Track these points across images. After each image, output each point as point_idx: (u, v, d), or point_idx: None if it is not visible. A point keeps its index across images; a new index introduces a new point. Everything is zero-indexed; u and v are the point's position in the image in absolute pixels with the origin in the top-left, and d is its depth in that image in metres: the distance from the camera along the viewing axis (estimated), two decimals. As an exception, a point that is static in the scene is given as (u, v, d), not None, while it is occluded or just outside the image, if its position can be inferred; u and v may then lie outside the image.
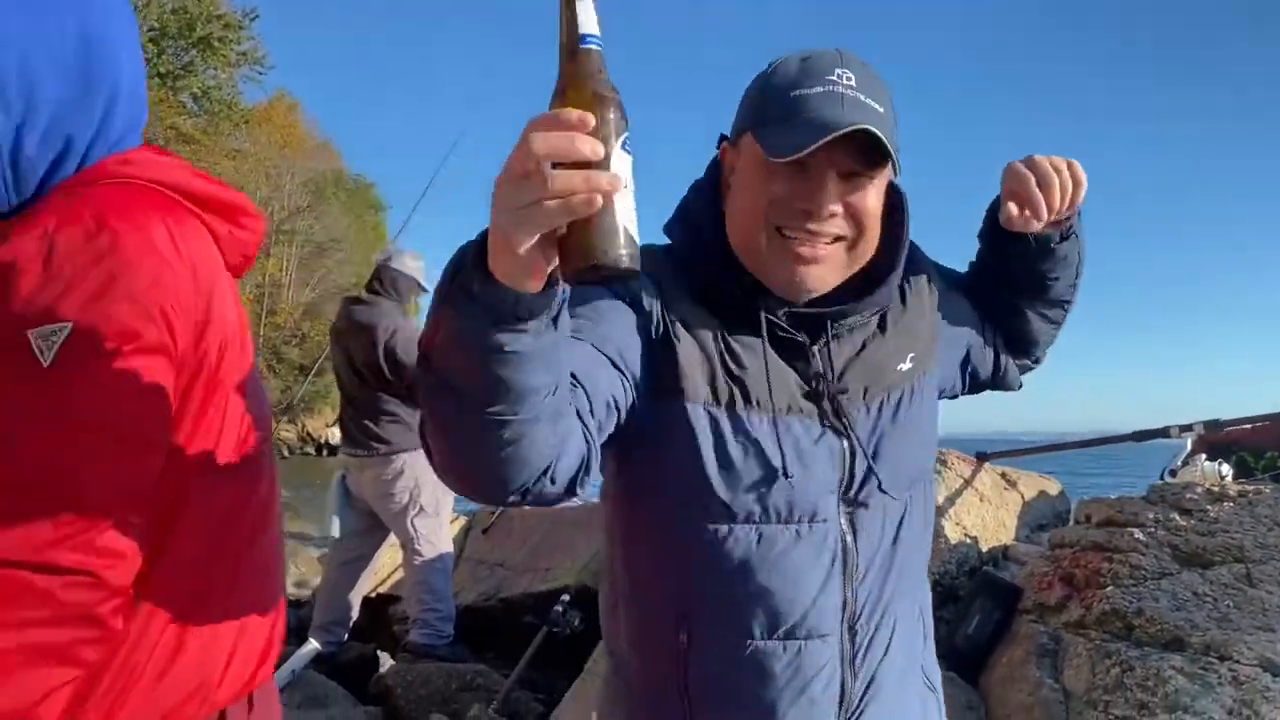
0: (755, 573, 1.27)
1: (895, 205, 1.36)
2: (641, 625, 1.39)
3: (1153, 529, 2.97)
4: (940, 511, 3.59)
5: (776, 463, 1.25)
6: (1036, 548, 3.53)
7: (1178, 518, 2.98)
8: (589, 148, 0.81)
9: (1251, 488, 3.05)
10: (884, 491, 1.32)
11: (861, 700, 1.33)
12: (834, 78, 1.22)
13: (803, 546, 1.28)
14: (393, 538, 4.95)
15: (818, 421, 1.30)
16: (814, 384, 1.31)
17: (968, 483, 3.76)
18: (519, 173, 0.81)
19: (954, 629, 3.21)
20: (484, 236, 0.88)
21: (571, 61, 0.88)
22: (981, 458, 3.96)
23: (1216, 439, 4.55)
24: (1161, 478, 3.35)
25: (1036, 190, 1.30)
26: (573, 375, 1.10)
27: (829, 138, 1.16)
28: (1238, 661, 2.50)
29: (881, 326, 1.38)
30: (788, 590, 1.27)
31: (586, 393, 1.14)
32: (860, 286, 1.33)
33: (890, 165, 1.25)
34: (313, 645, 4.47)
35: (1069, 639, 2.88)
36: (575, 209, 0.81)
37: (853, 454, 1.31)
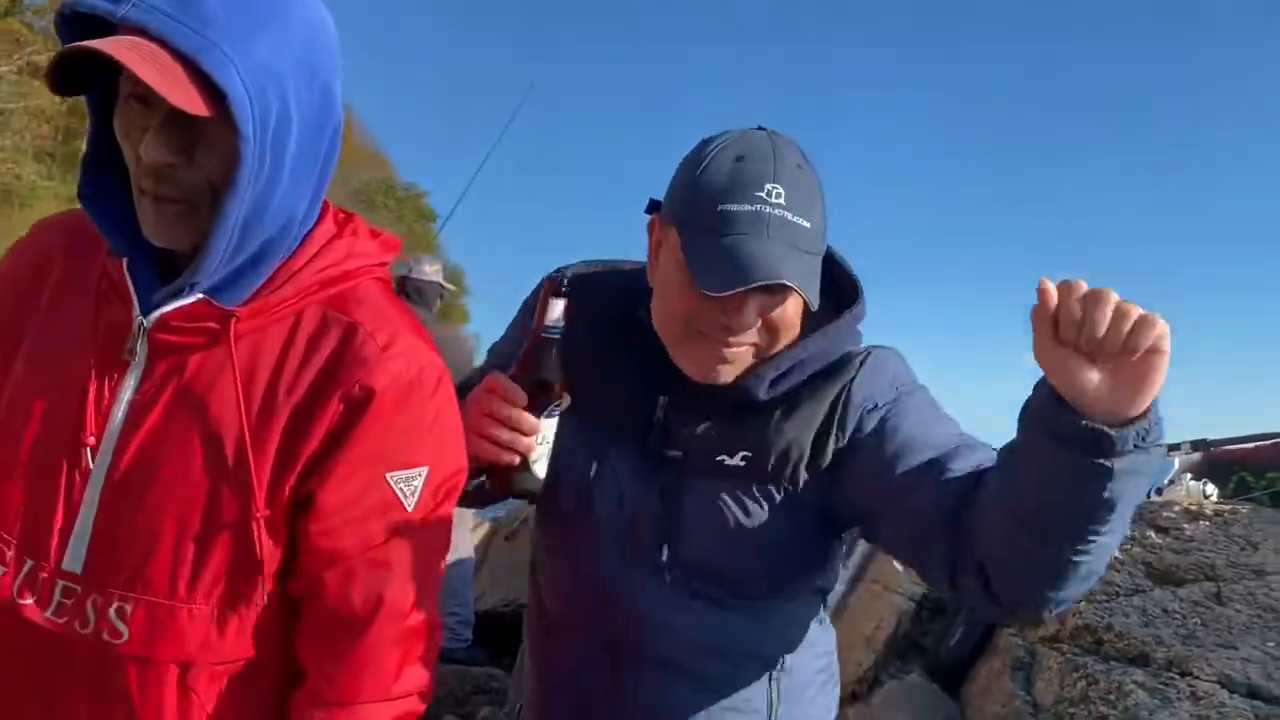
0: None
1: (842, 304, 1.37)
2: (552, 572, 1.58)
3: (1128, 546, 3.04)
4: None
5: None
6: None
7: (1154, 535, 3.05)
8: (522, 425, 1.24)
9: (1228, 508, 3.11)
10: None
11: None
12: (762, 195, 1.20)
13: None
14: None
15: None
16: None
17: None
18: (482, 411, 1.24)
19: (938, 641, 3.30)
20: None
21: (536, 346, 1.25)
22: (977, 473, 4.02)
23: (1219, 458, 4.58)
24: (1149, 496, 3.40)
25: (1079, 304, 0.97)
26: None
27: (749, 287, 1.18)
28: (1197, 678, 2.57)
29: (732, 412, 1.34)
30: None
31: None
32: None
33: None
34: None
35: (1043, 652, 2.96)
36: (500, 458, 1.24)
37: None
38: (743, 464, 1.32)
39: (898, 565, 3.57)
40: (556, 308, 1.23)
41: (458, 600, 4.91)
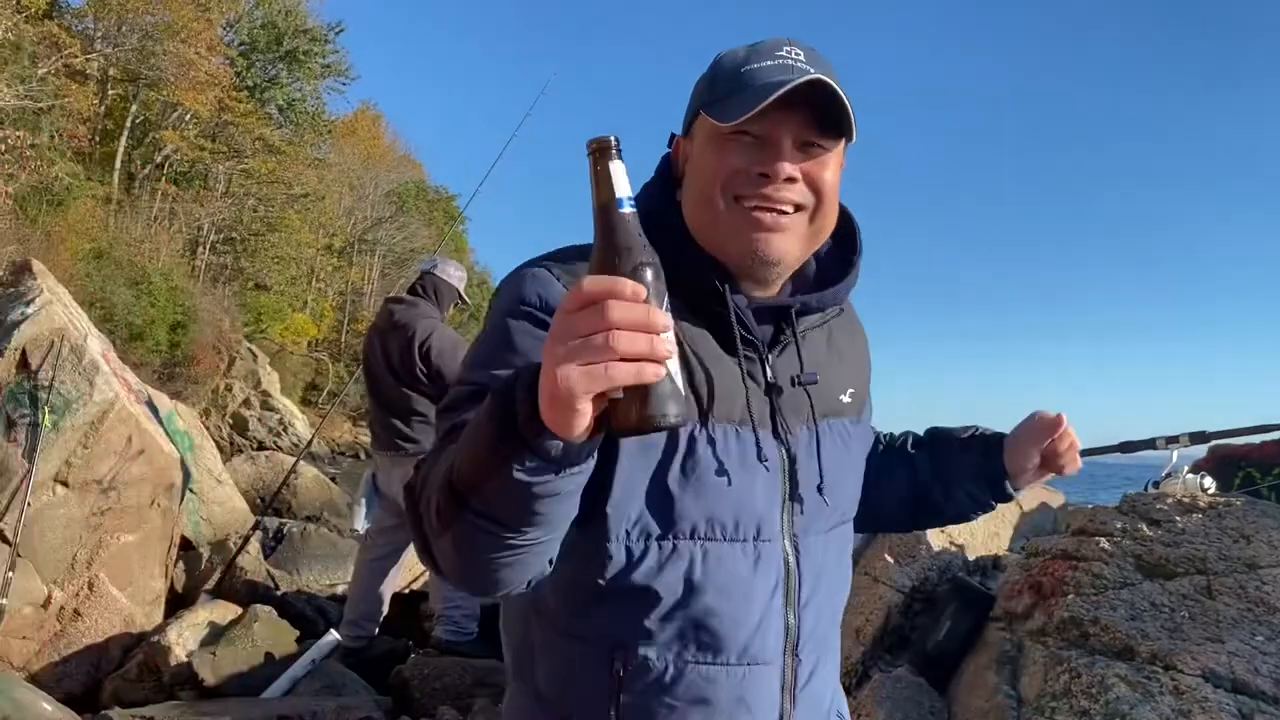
0: (701, 592, 1.19)
1: (849, 230, 1.37)
2: (569, 657, 1.27)
3: (1119, 538, 2.99)
4: (925, 519, 3.63)
5: (720, 475, 1.19)
6: (1020, 556, 3.55)
7: (1145, 528, 2.99)
8: (661, 320, 0.84)
9: (1222, 500, 3.04)
10: (825, 516, 1.29)
11: None
12: (783, 54, 1.21)
13: (748, 564, 1.21)
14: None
15: (767, 435, 1.25)
16: (770, 393, 1.27)
17: (957, 491, 3.79)
18: (587, 332, 0.83)
19: (926, 635, 3.26)
20: (527, 388, 0.89)
21: (613, 226, 0.91)
22: (975, 467, 3.98)
23: (1225, 455, 4.50)
24: (1145, 489, 3.34)
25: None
26: None
27: (783, 90, 1.14)
28: (1181, 671, 2.52)
29: (831, 355, 1.36)
30: (734, 611, 1.20)
31: None
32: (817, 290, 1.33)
33: (845, 141, 1.25)
34: (333, 636, 4.67)
35: (1030, 646, 2.91)
36: (644, 375, 0.84)
37: (795, 471, 1.26)
38: (850, 400, 1.38)
39: (889, 558, 3.54)
40: (620, 171, 0.93)
41: (463, 594, 4.94)
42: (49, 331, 4.80)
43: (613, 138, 0.94)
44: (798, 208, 1.23)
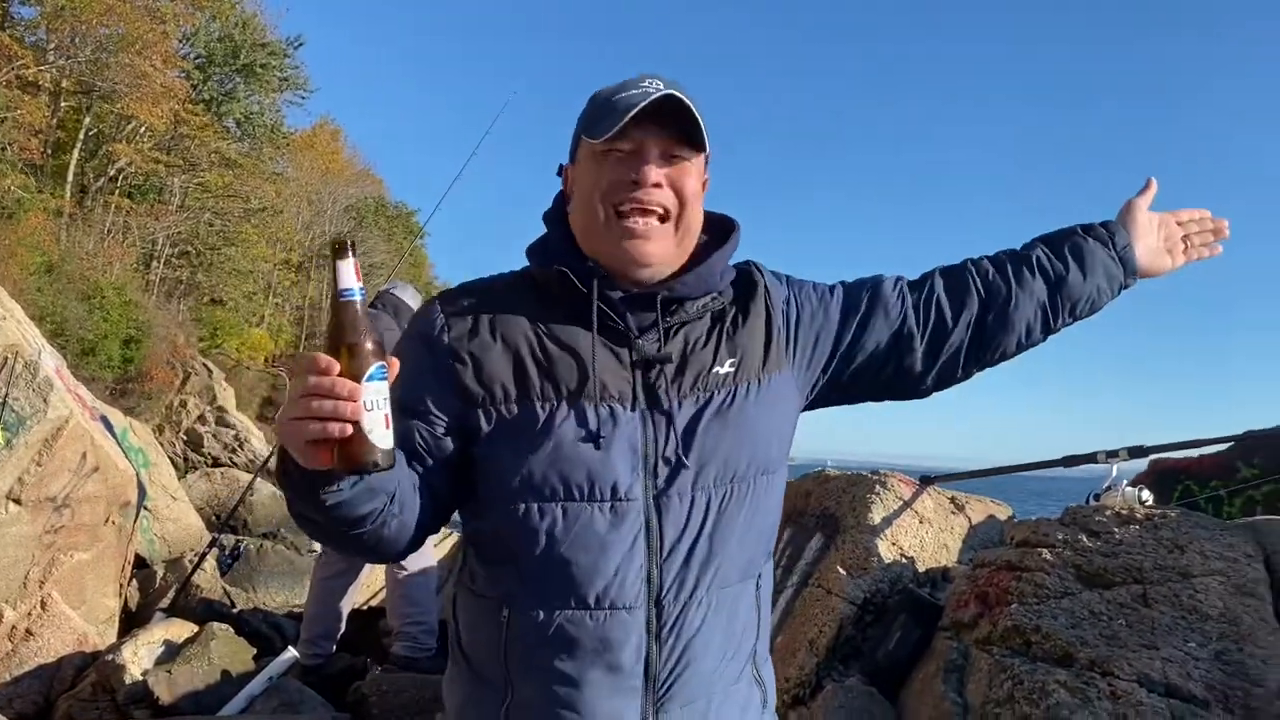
0: (561, 546, 1.41)
1: (727, 229, 1.62)
2: (476, 612, 1.53)
3: (1060, 549, 3.09)
4: (876, 532, 3.72)
5: (581, 444, 1.41)
6: (968, 568, 3.64)
7: (1085, 539, 3.09)
8: (345, 389, 1.16)
9: (1158, 511, 3.16)
10: (693, 479, 1.45)
11: (671, 673, 1.44)
12: (645, 84, 1.46)
13: (606, 522, 1.41)
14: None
15: (629, 406, 1.45)
16: (634, 371, 1.48)
17: (907, 504, 3.88)
18: (295, 396, 1.17)
19: (877, 645, 3.34)
20: None
21: (334, 312, 1.21)
22: (925, 481, 4.09)
23: (1166, 467, 4.65)
24: (1086, 501, 3.45)
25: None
26: (410, 457, 1.44)
27: (643, 104, 1.41)
28: (1117, 677, 2.62)
29: (712, 334, 1.55)
30: (592, 562, 1.40)
31: (423, 465, 1.46)
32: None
33: (704, 155, 1.53)
34: (291, 653, 4.66)
35: (976, 654, 3.00)
36: (329, 431, 1.17)
37: (661, 441, 1.45)
38: (730, 369, 1.52)
39: (841, 570, 3.62)
40: (347, 268, 1.21)
41: (421, 609, 4.95)
42: (2, 348, 4.76)
43: (347, 240, 1.23)
44: (664, 215, 1.48)
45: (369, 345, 1.19)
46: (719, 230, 1.61)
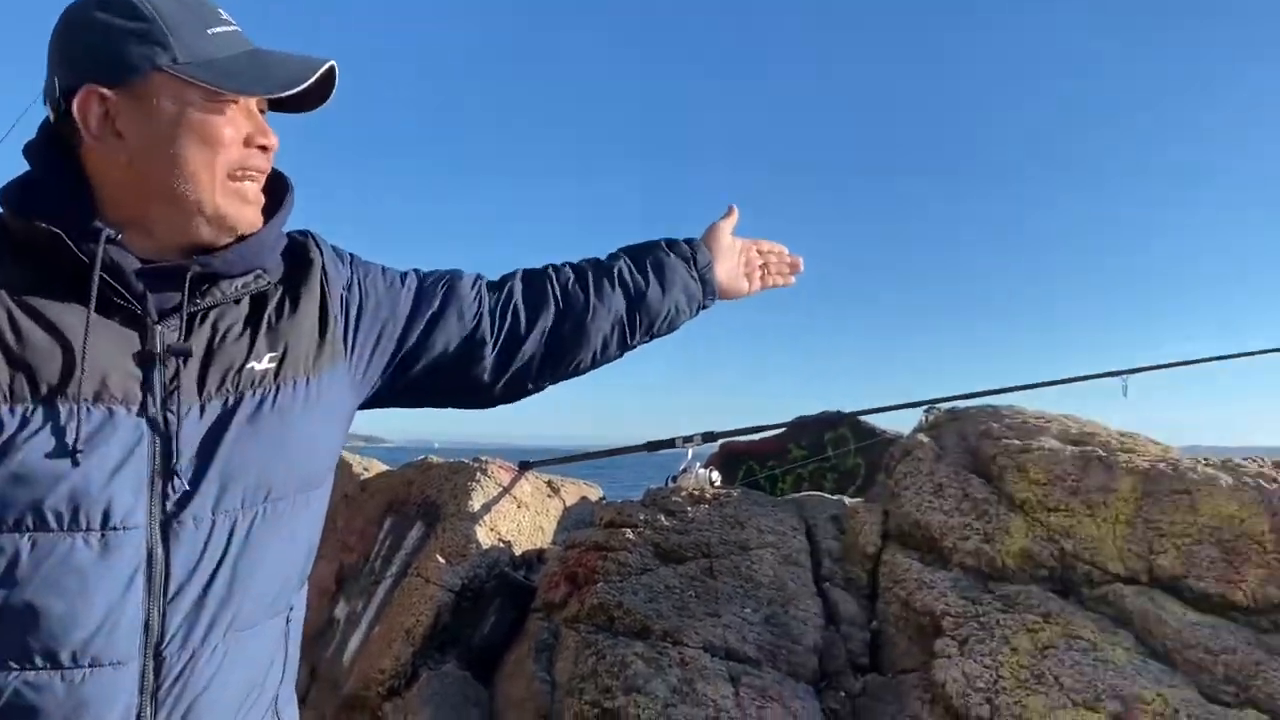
0: (25, 589, 1.07)
1: (278, 192, 1.33)
2: None
3: (642, 529, 3.35)
4: (476, 518, 3.80)
5: (56, 458, 1.08)
6: (561, 549, 3.83)
7: (663, 519, 3.38)
8: None
9: (724, 491, 3.53)
10: (214, 500, 1.18)
11: None
12: (226, 18, 1.24)
13: (91, 556, 1.09)
14: None
15: (134, 410, 1.14)
16: (145, 366, 1.16)
17: (506, 490, 4.00)
18: None
19: (473, 630, 3.42)
20: None
21: None
22: (524, 466, 4.24)
23: (732, 450, 5.21)
24: (666, 484, 3.77)
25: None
26: None
27: (321, 72, 1.22)
28: (686, 645, 2.90)
29: (250, 321, 1.28)
30: (70, 609, 1.08)
31: None
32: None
33: None
34: None
35: (565, 633, 3.17)
36: None
37: (171, 454, 1.16)
38: (269, 364, 1.25)
39: (440, 559, 3.65)
40: None
41: None
42: None
43: None
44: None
45: None
46: (267, 191, 1.31)
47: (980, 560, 3.06)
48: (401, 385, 1.50)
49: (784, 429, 4.95)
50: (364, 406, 1.50)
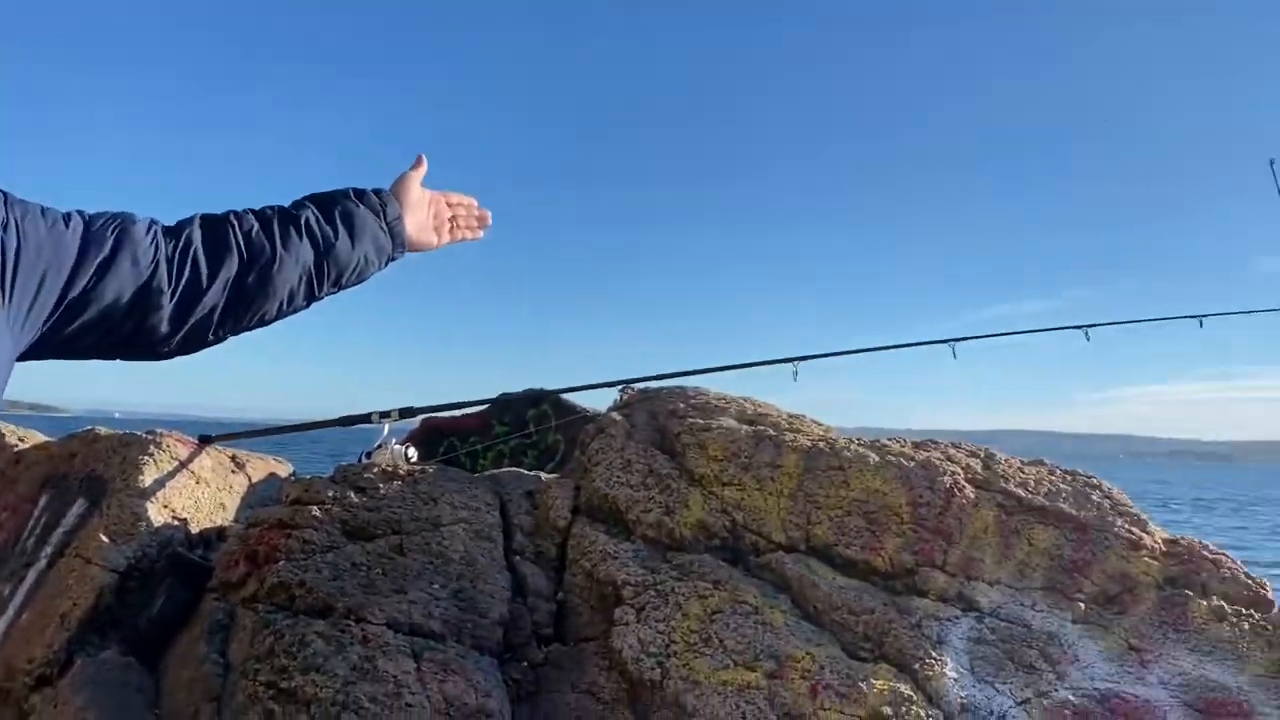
0: None
1: None
2: None
3: (330, 506, 3.26)
4: (147, 494, 3.55)
5: None
6: (242, 528, 3.66)
7: (353, 495, 3.31)
8: None
9: (420, 467, 3.50)
10: None
11: None
12: None
13: None
14: None
15: None
16: None
17: (183, 465, 3.76)
18: None
19: (139, 613, 3.20)
20: None
21: None
22: (204, 440, 3.99)
23: (434, 426, 5.17)
24: (359, 460, 3.69)
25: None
26: None
27: None
28: (370, 622, 2.86)
29: None
30: None
31: None
32: None
33: None
34: None
35: (241, 613, 3.04)
36: None
37: None
38: None
39: (104, 538, 3.38)
40: None
41: None
42: None
43: None
44: None
45: None
46: None
47: (661, 531, 3.24)
48: (68, 334, 1.37)
49: (487, 405, 4.97)
50: (26, 357, 1.36)
